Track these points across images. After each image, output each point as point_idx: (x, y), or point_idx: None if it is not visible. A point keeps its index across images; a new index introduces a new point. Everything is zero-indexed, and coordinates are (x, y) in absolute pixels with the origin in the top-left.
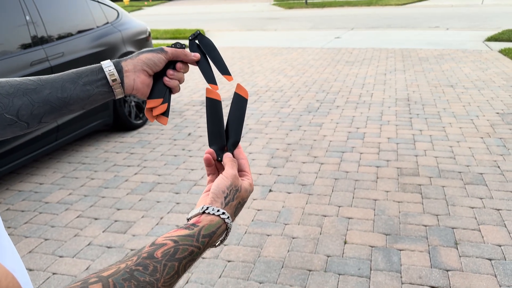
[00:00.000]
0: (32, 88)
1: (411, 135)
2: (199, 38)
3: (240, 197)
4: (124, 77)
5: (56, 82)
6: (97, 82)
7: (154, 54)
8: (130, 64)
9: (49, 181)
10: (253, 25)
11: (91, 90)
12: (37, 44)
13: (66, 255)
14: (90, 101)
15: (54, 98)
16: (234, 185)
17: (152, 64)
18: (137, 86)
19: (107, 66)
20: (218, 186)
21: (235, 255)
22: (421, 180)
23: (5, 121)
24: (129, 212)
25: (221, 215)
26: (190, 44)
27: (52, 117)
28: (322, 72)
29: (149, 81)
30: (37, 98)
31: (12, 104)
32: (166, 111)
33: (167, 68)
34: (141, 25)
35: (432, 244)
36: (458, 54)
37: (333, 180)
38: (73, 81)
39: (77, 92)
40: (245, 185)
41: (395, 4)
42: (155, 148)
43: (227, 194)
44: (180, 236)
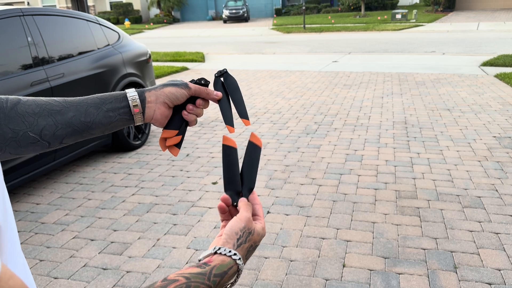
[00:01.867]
0: (57, 109)
1: (408, 158)
2: (225, 76)
3: (253, 240)
4: (146, 108)
5: (80, 106)
6: (120, 109)
7: (178, 89)
8: (153, 95)
9: (46, 201)
10: (252, 48)
11: (113, 116)
12: (38, 65)
13: (61, 277)
14: (111, 126)
15: (77, 121)
16: (248, 228)
17: (174, 98)
18: (156, 117)
19: (131, 95)
20: (232, 227)
21: None
22: (420, 203)
23: (28, 139)
24: (126, 234)
25: (233, 256)
26: (216, 80)
27: (73, 139)
28: (320, 95)
29: (169, 113)
30: (61, 120)
31: (36, 123)
32: (179, 143)
33: (188, 102)
34: (141, 48)
35: (431, 268)
36: (455, 79)
37: (331, 202)
38: (97, 106)
39: (100, 118)
40: (258, 229)
41: (391, 29)
42: (153, 169)
43: (240, 236)
44: (192, 274)
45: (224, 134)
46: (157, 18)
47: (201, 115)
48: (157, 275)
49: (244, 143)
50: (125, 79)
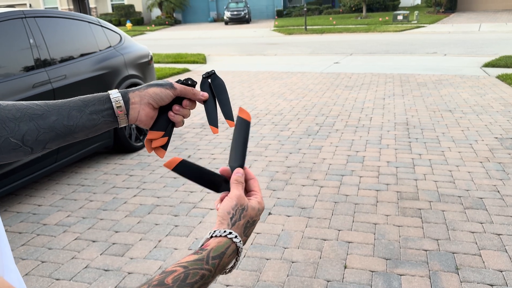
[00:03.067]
0: (39, 113)
1: (410, 159)
2: (213, 77)
3: (248, 216)
4: (130, 109)
5: (62, 109)
6: (103, 112)
7: (163, 89)
8: (137, 96)
9: (48, 202)
10: (253, 50)
11: (97, 119)
12: (40, 67)
13: (63, 278)
14: (94, 129)
15: (60, 125)
16: (240, 205)
17: (159, 99)
18: (141, 118)
19: (114, 97)
20: (223, 208)
21: (233, 279)
22: (421, 204)
23: (9, 145)
24: (127, 235)
25: (228, 235)
26: (202, 81)
27: (57, 144)
28: (321, 96)
29: (154, 114)
30: (43, 124)
31: (18, 128)
32: (165, 144)
33: (174, 103)
34: (143, 49)
35: (432, 269)
36: (456, 80)
37: (332, 204)
38: (79, 109)
39: (83, 121)
40: (253, 204)
41: (393, 30)
42: (154, 170)
43: (232, 214)
44: (190, 262)
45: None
46: (158, 20)
47: (187, 116)
48: None
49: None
50: (127, 81)
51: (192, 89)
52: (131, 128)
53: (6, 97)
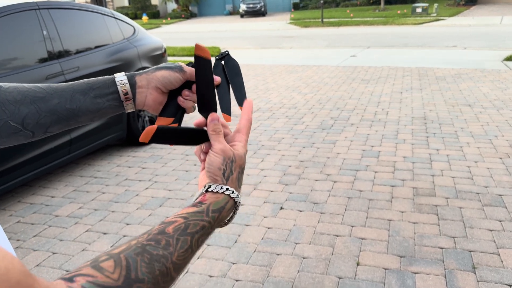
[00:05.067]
0: (40, 96)
1: (427, 154)
2: (227, 59)
3: (238, 167)
4: (136, 93)
5: (65, 92)
6: (108, 95)
7: (171, 72)
8: (144, 79)
9: (61, 194)
10: (268, 43)
11: (101, 103)
12: (53, 59)
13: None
14: (99, 114)
15: (62, 108)
16: (228, 158)
17: (167, 82)
18: (148, 103)
19: (120, 80)
20: (211, 164)
21: (243, 274)
22: (438, 200)
23: (9, 129)
24: (138, 228)
25: (226, 191)
26: (215, 64)
27: (59, 127)
28: (337, 90)
29: (162, 99)
30: (44, 107)
31: (18, 111)
32: None
33: (184, 87)
34: (157, 42)
35: (448, 268)
36: (476, 74)
37: (346, 199)
38: (83, 92)
39: (86, 104)
40: (239, 153)
41: (411, 23)
42: (167, 163)
43: (223, 170)
44: (189, 213)
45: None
46: (174, 13)
47: None
48: None
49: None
50: None
51: None
52: (144, 120)
53: None
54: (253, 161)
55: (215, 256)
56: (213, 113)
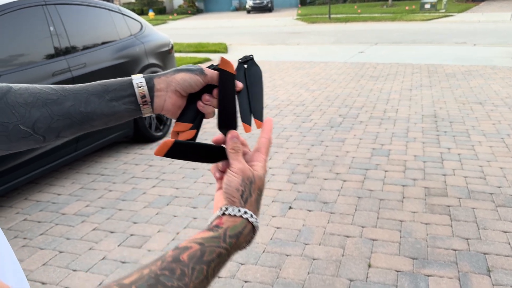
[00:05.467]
0: (53, 98)
1: (438, 153)
2: (249, 64)
3: (257, 188)
4: (154, 96)
5: (80, 94)
6: (124, 98)
7: (192, 75)
8: (163, 82)
9: (67, 192)
10: (275, 39)
11: (117, 106)
12: (60, 55)
13: (80, 269)
14: (115, 118)
15: (76, 112)
16: (247, 178)
17: (187, 86)
18: (167, 107)
19: (137, 82)
20: (229, 184)
21: (252, 275)
22: (450, 201)
23: (19, 133)
24: (146, 226)
25: (243, 214)
26: (238, 67)
27: (72, 132)
28: (345, 86)
29: (181, 103)
30: (57, 110)
31: (29, 115)
32: (193, 137)
33: (205, 91)
34: (164, 38)
35: (462, 271)
36: (487, 71)
37: (356, 199)
38: (98, 94)
39: (101, 108)
40: (259, 173)
41: (420, 19)
42: (173, 161)
43: (242, 191)
44: (205, 238)
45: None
46: (181, 8)
47: None
48: None
49: None
50: (147, 70)
51: None
52: (151, 117)
53: None
54: None
55: None
56: (233, 130)
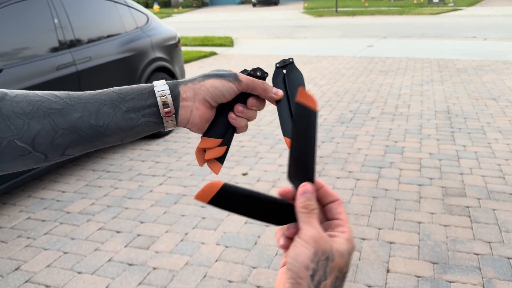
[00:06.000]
0: (57, 108)
1: (454, 151)
2: (289, 68)
3: (337, 268)
4: (180, 107)
5: (90, 103)
6: (144, 109)
7: (224, 82)
8: (190, 90)
9: (72, 189)
10: (281, 33)
11: (135, 119)
12: (65, 48)
13: (85, 271)
14: (132, 132)
15: (85, 125)
16: (322, 252)
17: (219, 95)
18: (194, 120)
19: (160, 90)
20: (296, 259)
21: (265, 280)
22: (469, 201)
23: (15, 150)
24: (153, 226)
25: None
26: (276, 73)
27: (80, 149)
28: (354, 81)
29: (210, 115)
30: (62, 123)
31: (28, 127)
32: (223, 155)
33: (237, 101)
34: (170, 31)
35: (486, 277)
36: (499, 66)
37: (371, 199)
38: (113, 104)
39: (117, 120)
40: (340, 249)
41: (428, 13)
42: (181, 158)
43: (313, 270)
44: None
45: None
46: (186, 2)
47: (253, 118)
48: (184, 273)
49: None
50: (154, 64)
51: (262, 83)
52: None
53: (29, 79)
54: (270, 156)
55: (234, 259)
56: (308, 183)
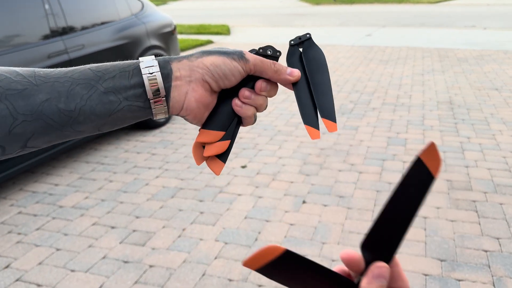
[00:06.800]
0: (17, 88)
1: (458, 142)
2: (306, 45)
3: None
4: (172, 87)
5: (59, 83)
6: (127, 90)
7: (227, 60)
8: (185, 67)
9: (65, 182)
10: (279, 21)
11: (115, 102)
12: (56, 35)
13: (79, 269)
14: (111, 119)
15: (52, 110)
16: None
17: (221, 75)
18: (189, 105)
19: (147, 67)
20: None
21: (266, 279)
22: (475, 195)
23: None
24: (149, 221)
25: None
26: (290, 51)
27: (46, 140)
28: (354, 71)
29: (210, 101)
30: (23, 107)
31: None
32: (225, 152)
33: (242, 86)
34: (166, 18)
35: (496, 275)
36: (500, 55)
37: (374, 192)
38: (88, 84)
39: (92, 104)
40: None
41: (427, 2)
42: (178, 149)
43: None
44: None
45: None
46: None
47: (263, 107)
48: (182, 271)
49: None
50: (149, 52)
51: (273, 64)
52: None
53: None
54: (270, 147)
55: (234, 257)
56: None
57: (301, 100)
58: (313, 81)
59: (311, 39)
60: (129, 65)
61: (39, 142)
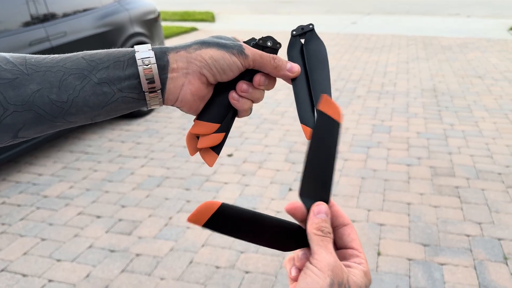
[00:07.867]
0: (8, 78)
1: (442, 129)
2: (308, 37)
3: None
4: (168, 79)
5: (51, 73)
6: (121, 81)
7: (226, 54)
8: (182, 59)
9: (49, 172)
10: (265, 8)
11: (109, 94)
12: (37, 23)
13: (65, 259)
14: (104, 111)
15: (44, 100)
16: (338, 283)
17: (219, 69)
18: (185, 97)
19: (143, 57)
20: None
21: (253, 265)
22: (458, 181)
23: None
24: (135, 210)
25: None
26: (291, 43)
27: (38, 131)
28: (339, 59)
29: (206, 93)
30: (14, 97)
31: None
32: (219, 144)
33: (240, 78)
34: (149, 4)
35: (477, 258)
36: (483, 43)
37: (359, 179)
38: (81, 74)
39: (85, 95)
40: (357, 280)
41: None
42: (163, 138)
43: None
44: None
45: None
46: None
47: (259, 100)
48: (169, 259)
49: None
50: (132, 39)
51: (273, 59)
52: None
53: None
54: (256, 136)
55: (221, 244)
56: (322, 202)
57: (299, 97)
58: (312, 78)
59: (313, 31)
60: (124, 54)
61: (30, 133)
